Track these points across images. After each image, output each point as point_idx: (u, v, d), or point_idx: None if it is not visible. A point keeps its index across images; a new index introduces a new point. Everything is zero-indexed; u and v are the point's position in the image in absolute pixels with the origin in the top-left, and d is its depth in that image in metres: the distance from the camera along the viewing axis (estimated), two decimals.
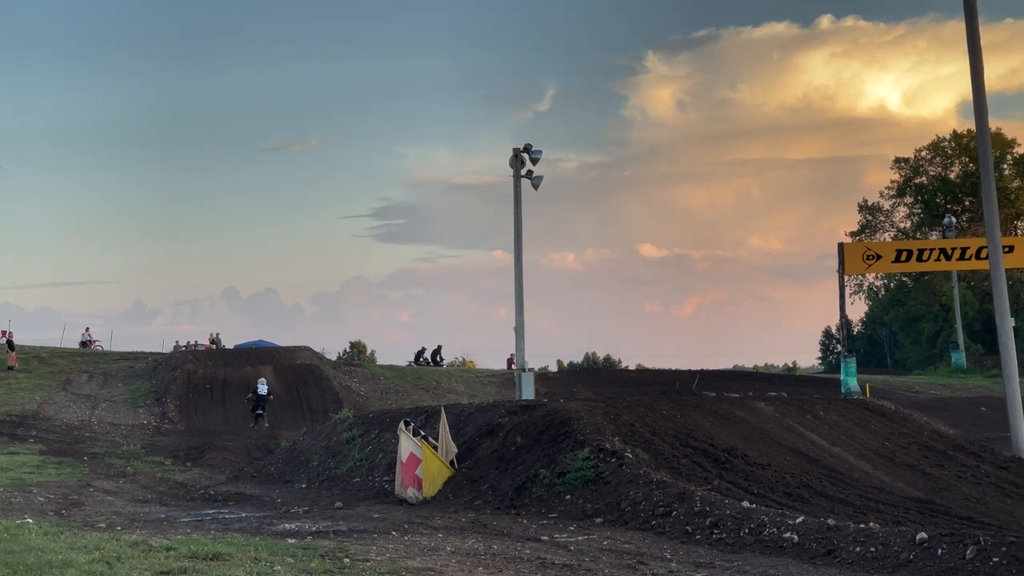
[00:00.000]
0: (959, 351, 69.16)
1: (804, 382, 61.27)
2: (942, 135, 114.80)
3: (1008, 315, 28.10)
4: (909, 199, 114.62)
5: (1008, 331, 27.87)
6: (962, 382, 59.89)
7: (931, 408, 48.10)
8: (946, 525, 15.54)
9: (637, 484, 18.01)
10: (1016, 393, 27.57)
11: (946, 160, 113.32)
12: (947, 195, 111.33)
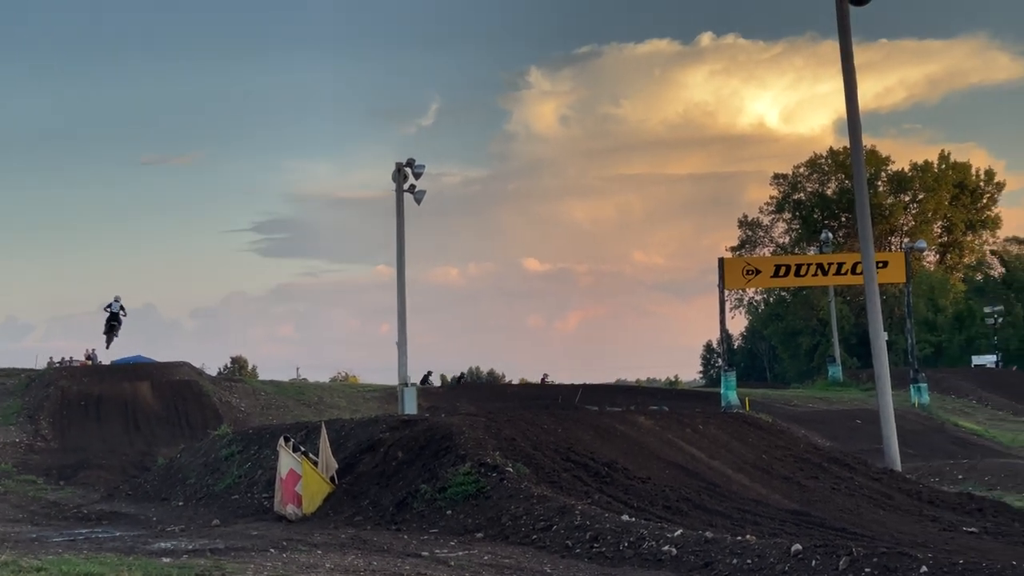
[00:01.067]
0: (836, 365, 70.35)
1: (685, 396, 61.85)
2: (819, 152, 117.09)
3: (881, 329, 28.64)
4: (788, 215, 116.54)
5: (881, 345, 28.41)
6: (838, 395, 60.92)
7: (809, 421, 48.84)
8: (821, 537, 15.76)
9: (518, 499, 18.02)
10: (888, 406, 28.10)
11: (823, 177, 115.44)
12: (824, 211, 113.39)
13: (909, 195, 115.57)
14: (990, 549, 16.00)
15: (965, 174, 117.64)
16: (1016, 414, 59.39)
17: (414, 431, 21.84)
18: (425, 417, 24.46)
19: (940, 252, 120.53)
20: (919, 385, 56.88)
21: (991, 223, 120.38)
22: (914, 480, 24.85)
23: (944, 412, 55.97)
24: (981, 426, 53.64)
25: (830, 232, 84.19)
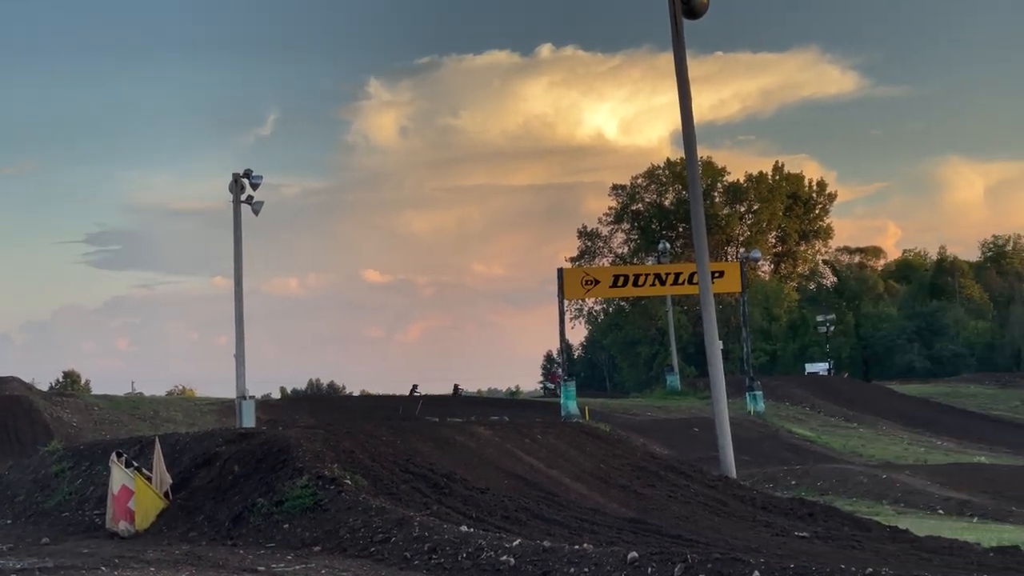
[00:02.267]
0: (674, 374, 71.35)
1: (526, 406, 62.14)
2: (657, 163, 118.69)
3: (716, 339, 29.09)
4: (626, 225, 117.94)
5: (716, 354, 28.85)
6: (676, 404, 61.75)
7: (647, 430, 49.46)
8: (657, 544, 15.93)
9: (356, 511, 17.89)
10: (724, 414, 28.55)
11: (661, 187, 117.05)
12: (662, 221, 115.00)
13: (744, 206, 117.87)
14: (821, 553, 16.33)
15: (798, 185, 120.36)
16: (848, 420, 60.86)
17: (251, 444, 21.54)
18: (262, 430, 24.14)
19: (775, 262, 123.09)
20: (755, 393, 57.96)
21: (823, 233, 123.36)
22: (748, 486, 25.29)
23: (779, 419, 57.12)
24: (814, 432, 54.86)
25: (668, 242, 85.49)
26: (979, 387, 75.57)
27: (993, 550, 17.07)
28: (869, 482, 32.99)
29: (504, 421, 28.70)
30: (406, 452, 21.79)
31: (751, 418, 55.19)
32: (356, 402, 65.99)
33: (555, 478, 22.19)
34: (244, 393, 44.31)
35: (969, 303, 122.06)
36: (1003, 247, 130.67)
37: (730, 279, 57.82)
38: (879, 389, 74.98)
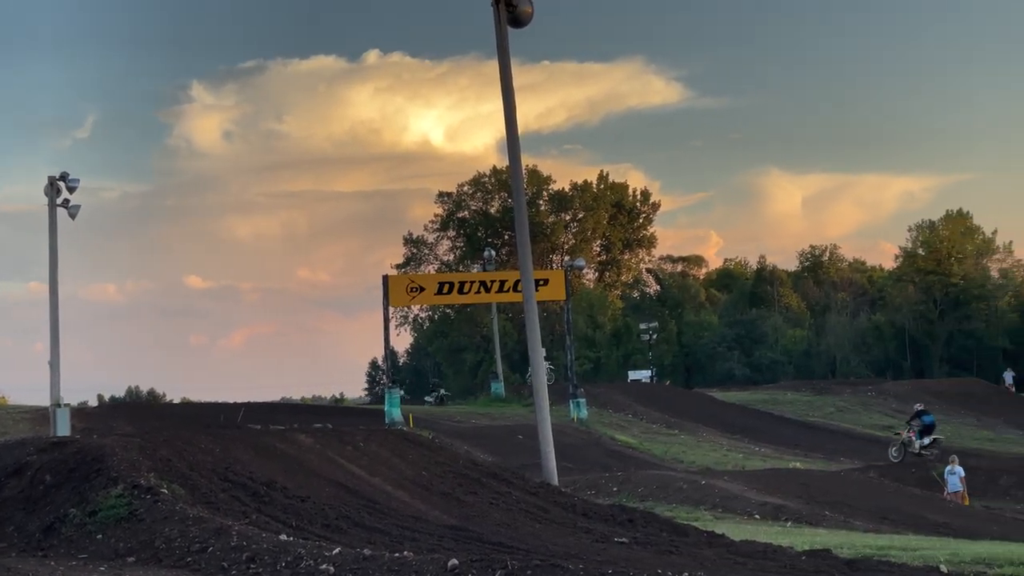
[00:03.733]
0: (498, 381, 71.56)
1: (350, 413, 61.68)
2: (483, 171, 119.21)
3: (540, 346, 29.25)
4: (452, 232, 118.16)
5: (539, 361, 29.01)
6: (501, 411, 61.95)
7: (472, 437, 49.53)
8: (478, 551, 15.94)
9: (173, 520, 17.55)
10: (546, 421, 28.71)
11: (487, 195, 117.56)
12: (488, 229, 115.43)
13: (569, 214, 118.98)
14: (639, 558, 16.51)
15: (623, 194, 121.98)
16: (669, 427, 61.73)
17: (64, 453, 20.98)
18: (76, 439, 23.54)
19: (599, 270, 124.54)
20: (578, 400, 58.43)
21: (647, 242, 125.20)
22: (570, 493, 25.47)
23: (602, 426, 57.70)
24: (636, 439, 55.53)
25: (493, 250, 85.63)
26: (796, 394, 77.28)
27: (805, 553, 17.46)
28: (689, 488, 33.49)
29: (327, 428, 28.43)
30: (225, 460, 21.45)
31: (574, 425, 55.65)
32: (177, 410, 64.84)
33: (377, 486, 22.07)
34: (59, 401, 43.23)
35: (787, 312, 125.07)
36: (820, 257, 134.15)
37: (554, 287, 58.24)
38: (700, 396, 76.25)
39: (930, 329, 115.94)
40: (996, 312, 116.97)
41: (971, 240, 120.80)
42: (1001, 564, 16.81)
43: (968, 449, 54.37)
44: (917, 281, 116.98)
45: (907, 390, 78.86)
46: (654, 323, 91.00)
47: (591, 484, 34.97)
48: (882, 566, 16.27)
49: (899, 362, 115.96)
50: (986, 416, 71.77)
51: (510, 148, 28.71)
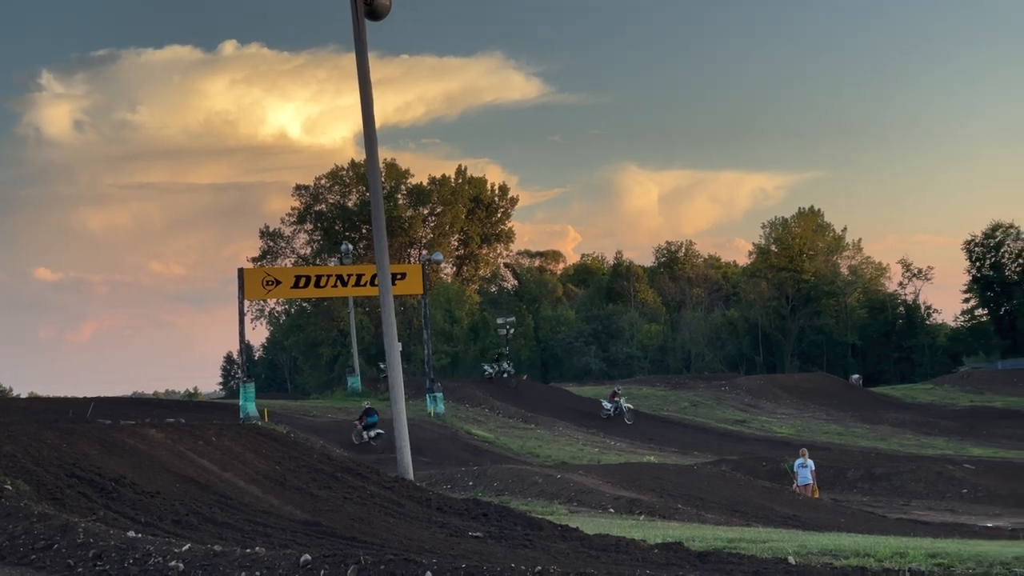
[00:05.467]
0: (355, 375, 71.21)
1: (204, 408, 60.92)
2: (341, 164, 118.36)
3: (396, 340, 29.14)
4: (309, 226, 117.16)
5: (395, 356, 28.90)
6: (357, 405, 61.60)
7: (328, 431, 49.21)
8: (331, 546, 15.78)
9: (17, 517, 17.08)
10: (402, 415, 28.62)
11: (345, 189, 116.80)
12: (346, 223, 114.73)
13: (427, 208, 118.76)
14: (493, 552, 16.50)
15: (481, 189, 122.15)
16: (526, 422, 61.97)
17: None
18: None
19: (457, 264, 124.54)
20: (435, 394, 58.39)
21: (505, 237, 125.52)
22: (425, 487, 25.39)
23: (458, 420, 57.72)
24: (492, 434, 55.65)
25: (351, 244, 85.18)
26: (651, 389, 78.19)
27: (658, 546, 17.59)
28: (544, 482, 33.61)
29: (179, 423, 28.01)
30: (73, 456, 20.98)
31: (431, 419, 55.59)
32: (23, 405, 63.31)
33: (229, 481, 21.77)
34: None
35: (643, 307, 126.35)
36: (675, 253, 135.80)
37: (412, 281, 58.08)
38: (556, 391, 76.70)
39: (782, 325, 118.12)
40: (845, 308, 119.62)
41: (822, 237, 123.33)
42: (847, 555, 17.12)
43: (817, 443, 55.53)
44: (770, 277, 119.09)
45: (760, 385, 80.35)
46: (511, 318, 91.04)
47: (447, 478, 34.92)
48: (732, 558, 16.46)
49: (752, 357, 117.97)
50: (835, 410, 73.34)
51: (367, 142, 28.54)
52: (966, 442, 61.51)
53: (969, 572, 15.25)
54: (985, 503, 40.00)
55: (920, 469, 45.13)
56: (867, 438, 63.40)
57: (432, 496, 23.16)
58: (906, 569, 15.51)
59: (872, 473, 44.89)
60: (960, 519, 35.13)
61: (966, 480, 43.26)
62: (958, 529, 30.45)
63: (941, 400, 79.25)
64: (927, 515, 36.52)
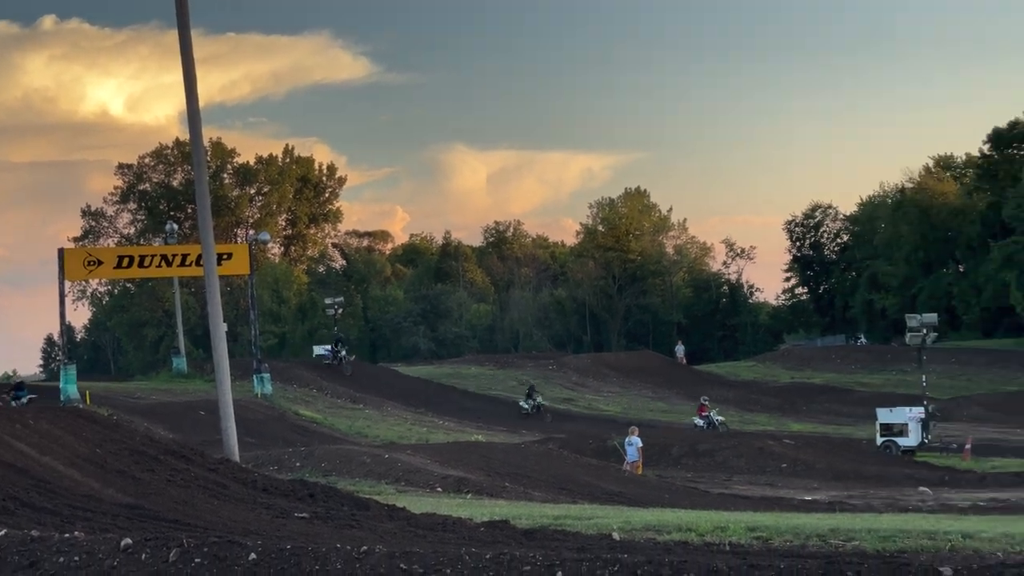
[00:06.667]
0: (180, 356, 70.00)
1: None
2: (166, 143, 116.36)
3: (221, 321, 28.71)
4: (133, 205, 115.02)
5: (220, 336, 28.49)
6: (183, 386, 60.68)
7: (152, 413, 48.36)
8: (154, 529, 15.52)
9: None
10: (227, 395, 28.25)
11: (169, 167, 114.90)
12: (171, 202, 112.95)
13: (255, 188, 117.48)
14: (318, 533, 16.40)
15: (309, 168, 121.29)
16: (354, 402, 61.75)
17: None
18: None
19: (285, 244, 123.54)
20: (262, 375, 57.76)
21: (333, 217, 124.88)
22: (251, 469, 25.10)
23: (286, 401, 57.26)
24: (321, 414, 55.35)
25: (176, 223, 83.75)
26: (479, 368, 78.48)
27: (484, 525, 17.68)
28: (372, 462, 33.53)
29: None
30: None
31: (258, 400, 55.03)
32: None
33: (48, 465, 21.22)
34: None
35: (472, 287, 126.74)
36: (504, 233, 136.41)
37: (238, 261, 57.29)
38: (385, 371, 76.52)
39: (609, 304, 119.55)
40: (671, 288, 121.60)
41: (648, 218, 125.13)
42: (670, 530, 17.41)
43: (643, 420, 56.38)
44: (597, 257, 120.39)
45: (587, 363, 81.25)
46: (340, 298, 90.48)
47: (274, 460, 34.61)
48: (558, 535, 16.61)
49: (580, 336, 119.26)
50: (661, 388, 74.58)
51: (190, 120, 28.04)
52: (786, 418, 63.14)
53: (786, 544, 15.64)
54: (804, 477, 41.08)
55: (742, 445, 46.18)
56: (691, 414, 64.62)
57: (258, 477, 22.91)
58: (726, 542, 15.84)
59: (696, 449, 45.78)
60: (780, 493, 36.00)
61: (786, 455, 44.39)
62: (777, 503, 31.19)
63: (763, 377, 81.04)
64: (748, 489, 37.36)
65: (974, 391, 70.92)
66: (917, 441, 49.23)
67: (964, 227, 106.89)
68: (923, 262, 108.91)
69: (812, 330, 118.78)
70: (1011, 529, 16.58)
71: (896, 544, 15.37)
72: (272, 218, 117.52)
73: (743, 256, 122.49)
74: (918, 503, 32.14)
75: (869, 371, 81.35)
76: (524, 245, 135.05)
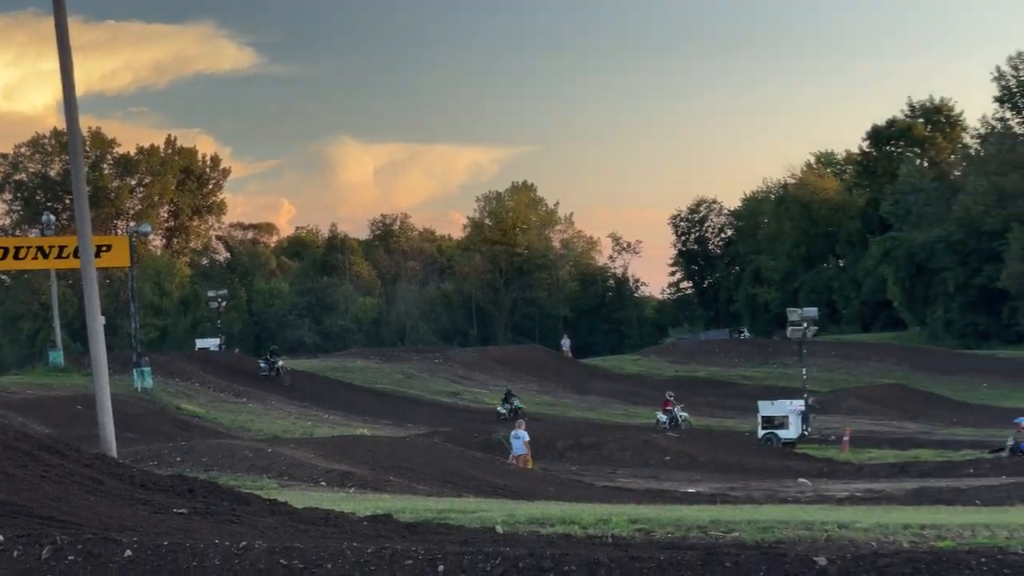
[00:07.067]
0: (57, 350, 68.68)
1: None
2: (43, 132, 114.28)
3: (98, 314, 28.23)
4: (8, 196, 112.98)
5: (98, 329, 28.01)
6: (60, 381, 59.52)
7: (27, 409, 47.47)
8: (26, 526, 15.12)
9: None
10: (104, 389, 27.81)
11: (47, 157, 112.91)
12: (48, 192, 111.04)
13: (136, 179, 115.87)
14: (197, 528, 16.12)
15: (192, 159, 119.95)
16: (237, 396, 61.14)
17: None
18: None
19: (167, 236, 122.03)
20: (142, 369, 56.93)
21: (217, 209, 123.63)
22: (129, 464, 24.65)
23: (167, 395, 56.49)
24: (203, 408, 54.71)
25: (53, 214, 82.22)
26: (365, 361, 78.04)
27: (367, 519, 17.54)
28: (255, 456, 33.14)
29: None
30: None
31: (138, 395, 54.21)
32: None
33: None
34: None
35: (358, 280, 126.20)
36: (391, 226, 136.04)
37: (118, 253, 56.43)
38: None
39: (496, 298, 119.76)
40: (557, 282, 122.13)
41: (535, 211, 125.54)
42: (553, 523, 17.40)
43: (529, 413, 56.51)
44: (484, 251, 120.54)
45: (473, 357, 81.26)
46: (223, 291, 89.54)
47: (154, 455, 34.04)
48: (441, 529, 16.53)
49: (466, 330, 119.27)
50: (547, 382, 74.79)
51: (67, 109, 27.52)
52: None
53: (668, 536, 15.70)
54: (687, 469, 41.45)
55: (627, 438, 46.49)
56: (577, 408, 64.92)
57: (136, 473, 22.48)
58: (609, 535, 15.88)
59: (581, 443, 45.96)
60: (663, 485, 36.26)
61: (670, 448, 44.75)
62: (661, 495, 31.40)
63: (648, 371, 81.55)
64: (632, 482, 37.58)
65: (853, 384, 72.03)
66: (797, 433, 49.92)
67: (844, 223, 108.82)
68: (804, 257, 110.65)
69: (696, 324, 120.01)
70: (885, 519, 16.79)
71: (774, 535, 15.49)
72: (154, 210, 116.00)
73: (629, 250, 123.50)
74: (797, 494, 32.58)
75: (752, 364, 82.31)
76: (411, 239, 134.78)
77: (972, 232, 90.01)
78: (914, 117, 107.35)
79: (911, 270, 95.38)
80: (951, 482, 34.43)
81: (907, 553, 11.86)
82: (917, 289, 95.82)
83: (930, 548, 13.77)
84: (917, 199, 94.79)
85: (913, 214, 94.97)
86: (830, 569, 10.88)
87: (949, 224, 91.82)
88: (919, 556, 11.38)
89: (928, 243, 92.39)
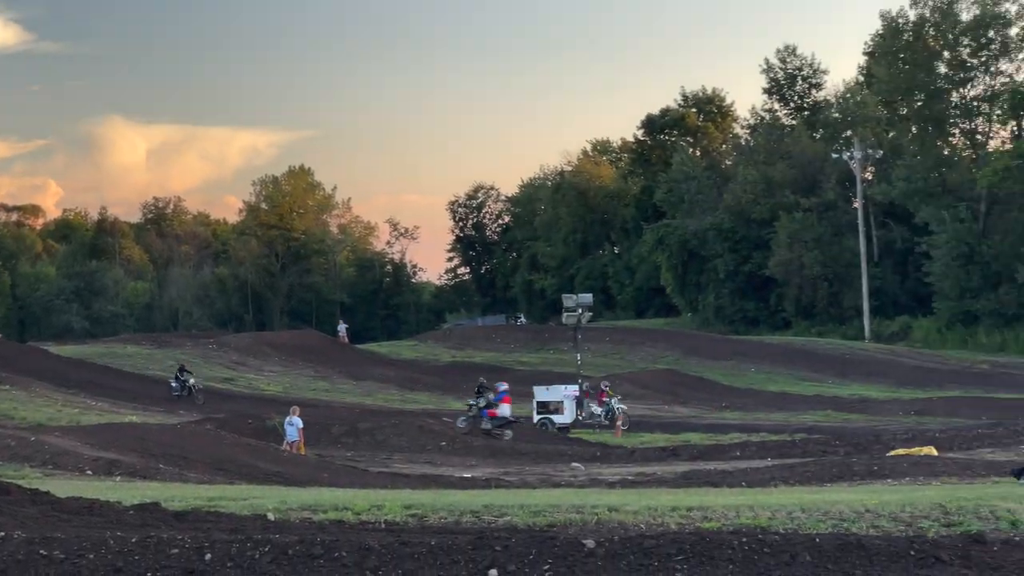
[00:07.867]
0: None
1: None
2: None
3: None
4: None
5: None
6: None
7: None
8: None
9: None
10: None
11: None
12: None
13: None
14: None
15: None
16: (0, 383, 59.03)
17: None
18: None
19: None
20: None
21: None
22: None
23: None
24: None
25: None
26: (136, 347, 76.24)
27: (134, 508, 17.14)
28: (17, 445, 32.10)
29: None
30: None
31: None
32: None
33: None
34: None
35: (129, 264, 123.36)
36: (164, 210, 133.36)
37: None
38: (34, 350, 73.38)
39: (272, 282, 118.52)
40: (335, 267, 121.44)
41: (312, 196, 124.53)
42: (326, 509, 17.29)
43: (305, 399, 56.00)
44: (260, 235, 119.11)
45: (248, 343, 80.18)
46: None
47: None
48: (211, 516, 16.27)
49: (242, 315, 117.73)
50: (323, 367, 74.23)
51: None
52: (447, 396, 63.82)
53: (441, 521, 15.73)
54: (463, 455, 41.58)
55: (402, 424, 46.39)
56: (353, 394, 64.60)
57: None
58: (382, 521, 15.83)
59: (356, 428, 45.68)
60: (439, 471, 36.31)
61: (445, 433, 44.86)
62: (436, 480, 31.44)
63: (425, 356, 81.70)
64: (408, 468, 37.54)
65: (626, 369, 73.38)
66: (571, 418, 50.61)
67: (619, 210, 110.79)
68: (580, 243, 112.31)
69: (474, 310, 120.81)
70: (654, 502, 17.12)
71: (546, 518, 15.65)
72: None
73: (407, 236, 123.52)
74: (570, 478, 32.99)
75: (528, 350, 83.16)
76: (185, 222, 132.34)
77: (742, 220, 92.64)
78: (687, 107, 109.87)
79: (683, 257, 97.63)
80: (719, 464, 35.27)
81: (673, 534, 12.11)
82: (689, 276, 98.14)
83: (696, 529, 14.10)
84: (690, 187, 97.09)
85: (686, 202, 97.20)
86: (598, 551, 11.04)
87: (720, 212, 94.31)
88: (684, 537, 11.63)
89: (700, 231, 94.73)
